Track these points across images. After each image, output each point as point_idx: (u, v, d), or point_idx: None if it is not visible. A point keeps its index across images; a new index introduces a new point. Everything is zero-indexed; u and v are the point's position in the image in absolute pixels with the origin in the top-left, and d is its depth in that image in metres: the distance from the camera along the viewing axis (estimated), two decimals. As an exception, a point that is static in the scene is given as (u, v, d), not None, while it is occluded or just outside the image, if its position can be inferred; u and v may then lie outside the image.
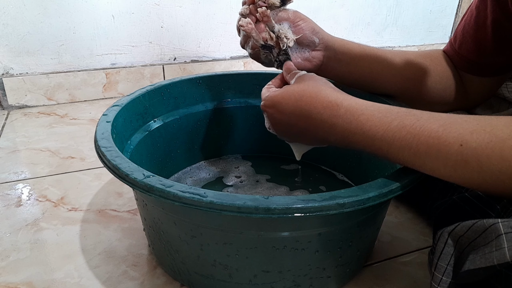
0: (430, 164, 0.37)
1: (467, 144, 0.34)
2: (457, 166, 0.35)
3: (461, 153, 0.34)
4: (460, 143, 0.34)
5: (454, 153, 0.35)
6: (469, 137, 0.34)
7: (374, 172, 0.62)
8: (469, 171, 0.34)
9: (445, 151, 0.35)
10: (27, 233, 0.59)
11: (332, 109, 0.42)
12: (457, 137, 0.35)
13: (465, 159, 0.34)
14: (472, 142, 0.34)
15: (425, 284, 0.52)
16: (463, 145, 0.34)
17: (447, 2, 1.56)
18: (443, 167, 0.36)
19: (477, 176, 0.34)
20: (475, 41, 0.56)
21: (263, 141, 0.77)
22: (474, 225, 0.31)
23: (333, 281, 0.49)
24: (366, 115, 0.40)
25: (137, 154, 0.60)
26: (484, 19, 0.54)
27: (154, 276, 0.51)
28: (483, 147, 0.33)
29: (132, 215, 0.63)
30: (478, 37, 0.56)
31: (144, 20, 1.13)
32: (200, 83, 0.71)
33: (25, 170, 0.76)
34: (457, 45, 0.60)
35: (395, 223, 0.63)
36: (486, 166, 0.33)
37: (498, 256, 0.28)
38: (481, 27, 0.55)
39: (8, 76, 1.04)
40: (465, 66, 0.59)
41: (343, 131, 0.41)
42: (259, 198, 0.37)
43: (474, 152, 0.34)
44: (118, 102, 0.59)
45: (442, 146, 0.35)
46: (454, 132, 0.35)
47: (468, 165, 0.34)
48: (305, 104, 0.43)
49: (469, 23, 0.57)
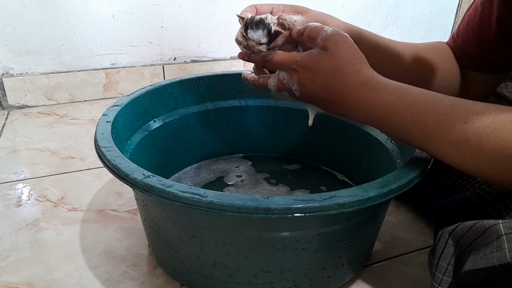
0: (435, 140, 0.38)
1: (471, 122, 0.36)
2: (459, 143, 0.36)
3: (464, 130, 0.36)
4: (465, 121, 0.36)
5: (458, 129, 0.36)
6: (474, 116, 0.36)
7: (374, 172, 0.62)
8: (469, 149, 0.36)
9: (450, 127, 0.37)
10: (27, 233, 0.59)
11: (361, 86, 0.43)
12: (463, 115, 0.36)
13: (467, 136, 0.36)
14: (476, 121, 0.35)
15: (425, 284, 0.51)
16: (467, 122, 0.36)
17: (447, 2, 1.56)
18: (446, 143, 0.37)
19: (476, 155, 0.35)
20: (479, 37, 0.56)
21: (263, 141, 0.77)
22: (475, 225, 0.31)
23: (333, 281, 0.49)
24: (388, 91, 0.42)
25: (137, 154, 0.60)
26: (489, 16, 0.54)
27: (154, 276, 0.51)
28: (485, 126, 0.35)
29: (132, 215, 0.63)
30: (481, 33, 0.55)
31: (144, 20, 1.13)
32: (200, 83, 0.71)
33: (25, 170, 0.76)
34: (459, 41, 0.59)
35: (395, 223, 0.63)
36: (485, 145, 0.35)
37: (498, 257, 0.28)
38: (486, 23, 0.54)
39: (8, 76, 1.04)
40: (467, 62, 0.59)
41: (365, 106, 0.43)
42: (259, 198, 0.37)
43: (476, 131, 0.35)
44: (118, 102, 0.59)
45: (448, 123, 0.37)
46: (461, 111, 0.37)
47: (469, 142, 0.36)
48: (338, 81, 0.44)
49: (473, 19, 0.57)
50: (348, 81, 0.43)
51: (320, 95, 0.45)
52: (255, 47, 0.48)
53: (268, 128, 0.77)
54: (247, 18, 0.47)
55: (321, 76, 0.44)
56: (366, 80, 0.43)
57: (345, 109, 0.45)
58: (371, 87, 0.42)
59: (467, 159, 0.36)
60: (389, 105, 0.41)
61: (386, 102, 0.41)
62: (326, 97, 0.45)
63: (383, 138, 0.62)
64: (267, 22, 0.47)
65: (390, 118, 0.41)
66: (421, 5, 1.51)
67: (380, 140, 0.62)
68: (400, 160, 0.56)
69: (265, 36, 0.47)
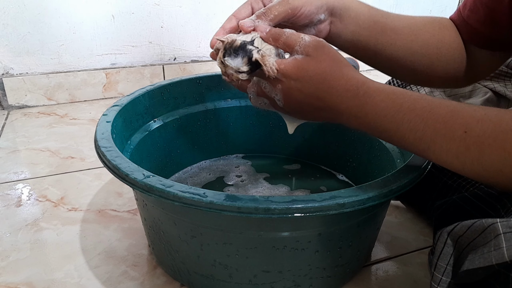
0: (433, 148, 0.37)
1: (472, 131, 0.35)
2: (459, 153, 0.35)
3: (464, 140, 0.35)
4: (465, 130, 0.35)
5: (457, 138, 0.35)
6: (474, 125, 0.35)
7: (374, 172, 0.62)
8: (470, 159, 0.35)
9: (450, 136, 0.36)
10: (27, 233, 0.59)
11: (353, 91, 0.41)
12: (463, 123, 0.35)
13: (467, 145, 0.35)
14: (476, 129, 0.34)
15: (425, 284, 0.52)
16: (468, 132, 0.35)
17: (447, 2, 1.56)
18: (445, 153, 0.36)
19: (477, 164, 0.35)
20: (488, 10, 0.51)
21: (263, 141, 0.77)
22: (473, 225, 0.31)
23: (333, 281, 0.49)
24: (381, 96, 0.40)
25: (137, 154, 0.60)
26: None
27: (154, 276, 0.52)
28: (486, 136, 0.34)
29: (132, 215, 0.63)
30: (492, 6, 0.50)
31: (144, 20, 1.13)
32: (200, 83, 0.71)
33: (25, 170, 0.76)
34: (465, 14, 0.54)
35: (395, 223, 0.63)
36: (487, 154, 0.34)
37: (496, 256, 0.28)
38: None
39: (8, 76, 1.04)
40: (472, 37, 0.54)
41: (358, 112, 0.41)
42: (259, 198, 0.37)
43: (477, 140, 0.34)
44: (118, 102, 0.59)
45: (448, 131, 0.36)
46: (460, 118, 0.36)
47: (469, 152, 0.35)
48: (328, 87, 0.42)
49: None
50: (338, 87, 0.42)
51: (308, 103, 0.43)
52: (233, 75, 0.43)
53: (268, 128, 0.77)
54: (226, 42, 0.42)
55: (309, 84, 0.42)
56: (357, 85, 0.41)
57: (337, 116, 0.43)
58: (363, 92, 0.41)
59: (467, 167, 0.36)
60: (383, 112, 0.40)
61: (380, 109, 0.40)
62: (315, 104, 0.43)
63: (383, 138, 0.62)
64: (249, 48, 0.42)
65: (385, 126, 0.40)
66: (421, 5, 1.51)
67: (380, 140, 0.62)
68: (400, 160, 0.56)
69: (245, 65, 0.42)
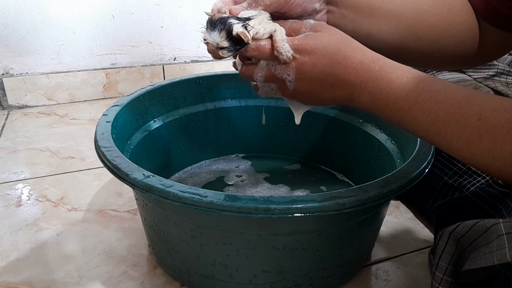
0: (444, 133, 0.36)
1: (486, 119, 0.34)
2: (470, 140, 0.34)
3: (478, 128, 0.34)
4: (479, 118, 0.34)
5: (471, 126, 0.34)
6: (489, 113, 0.34)
7: (374, 172, 0.62)
8: (481, 147, 0.34)
9: (463, 123, 0.35)
10: (27, 233, 0.59)
11: (368, 65, 0.40)
12: (478, 111, 0.34)
13: (480, 134, 0.34)
14: (491, 118, 0.33)
15: (425, 284, 0.51)
16: (482, 119, 0.34)
17: (447, 2, 1.56)
18: (456, 139, 0.35)
19: (487, 154, 0.34)
20: None
21: (263, 141, 0.77)
22: (475, 225, 0.31)
23: (333, 281, 0.49)
24: (397, 73, 0.39)
25: (137, 154, 0.60)
26: None
27: (154, 276, 0.51)
28: (501, 125, 0.33)
29: (132, 215, 0.63)
30: None
31: (144, 20, 1.13)
32: (200, 83, 0.71)
33: (25, 170, 0.76)
34: None
35: (395, 223, 0.63)
36: (499, 144, 0.33)
37: (498, 256, 0.28)
38: None
39: (8, 76, 1.04)
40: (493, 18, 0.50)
41: (372, 87, 0.39)
42: (259, 198, 0.37)
43: (491, 129, 0.33)
44: (118, 102, 0.59)
45: (461, 117, 0.35)
46: (476, 105, 0.35)
47: (481, 141, 0.34)
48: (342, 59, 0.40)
49: None
50: (353, 58, 0.40)
51: (320, 80, 0.41)
52: (215, 52, 0.39)
53: (268, 128, 0.77)
54: (210, 16, 0.39)
55: (324, 56, 0.40)
56: (373, 59, 0.40)
57: (349, 92, 0.41)
58: (379, 67, 0.39)
59: (477, 156, 0.34)
60: (398, 89, 0.38)
61: (396, 86, 0.38)
62: (328, 81, 0.41)
63: (383, 138, 0.62)
64: (229, 22, 0.38)
65: (398, 104, 0.38)
66: (421, 5, 1.51)
67: (380, 140, 0.62)
68: (400, 160, 0.56)
69: (225, 39, 0.38)
